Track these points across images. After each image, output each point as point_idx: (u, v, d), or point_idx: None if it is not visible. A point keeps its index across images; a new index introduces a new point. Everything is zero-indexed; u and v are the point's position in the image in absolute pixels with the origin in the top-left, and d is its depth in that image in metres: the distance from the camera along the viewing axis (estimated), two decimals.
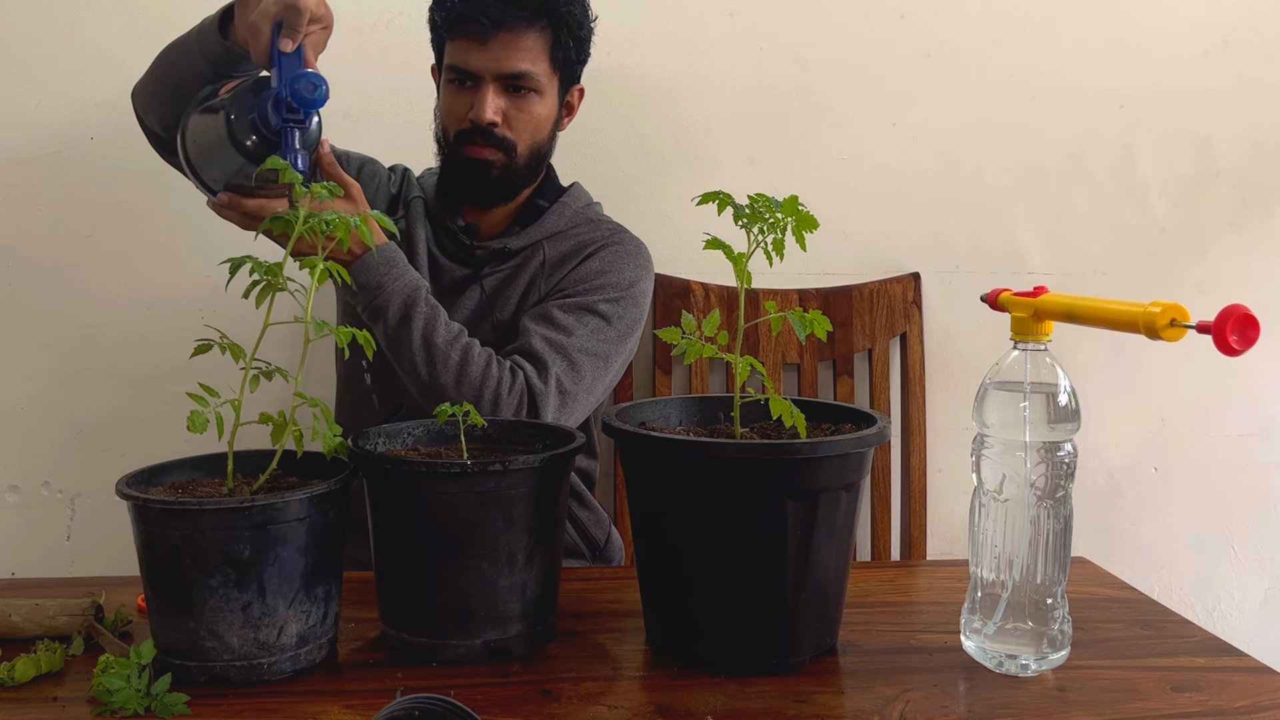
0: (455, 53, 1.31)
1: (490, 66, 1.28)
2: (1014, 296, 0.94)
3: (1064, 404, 0.91)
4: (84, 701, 0.84)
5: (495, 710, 0.83)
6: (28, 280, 1.62)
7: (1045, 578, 0.92)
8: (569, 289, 1.35)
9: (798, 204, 0.89)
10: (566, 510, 0.99)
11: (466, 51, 1.29)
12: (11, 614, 0.96)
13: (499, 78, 1.29)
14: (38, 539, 1.66)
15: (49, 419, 1.65)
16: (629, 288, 1.37)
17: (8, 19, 1.58)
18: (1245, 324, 0.76)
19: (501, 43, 1.28)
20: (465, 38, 1.29)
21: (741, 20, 1.70)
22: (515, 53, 1.28)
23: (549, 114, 1.35)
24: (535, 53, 1.30)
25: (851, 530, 0.94)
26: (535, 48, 1.29)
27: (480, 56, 1.28)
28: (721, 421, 1.06)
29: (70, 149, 1.61)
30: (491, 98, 1.29)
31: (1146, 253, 1.81)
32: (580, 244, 1.39)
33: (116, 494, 0.87)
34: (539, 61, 1.30)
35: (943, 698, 0.87)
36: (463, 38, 1.29)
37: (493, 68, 1.29)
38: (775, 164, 1.73)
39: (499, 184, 1.36)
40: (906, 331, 1.73)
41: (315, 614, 0.90)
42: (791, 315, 0.92)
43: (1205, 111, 1.79)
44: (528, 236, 1.39)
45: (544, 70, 1.31)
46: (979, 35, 1.74)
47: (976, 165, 1.76)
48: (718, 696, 0.86)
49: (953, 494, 1.79)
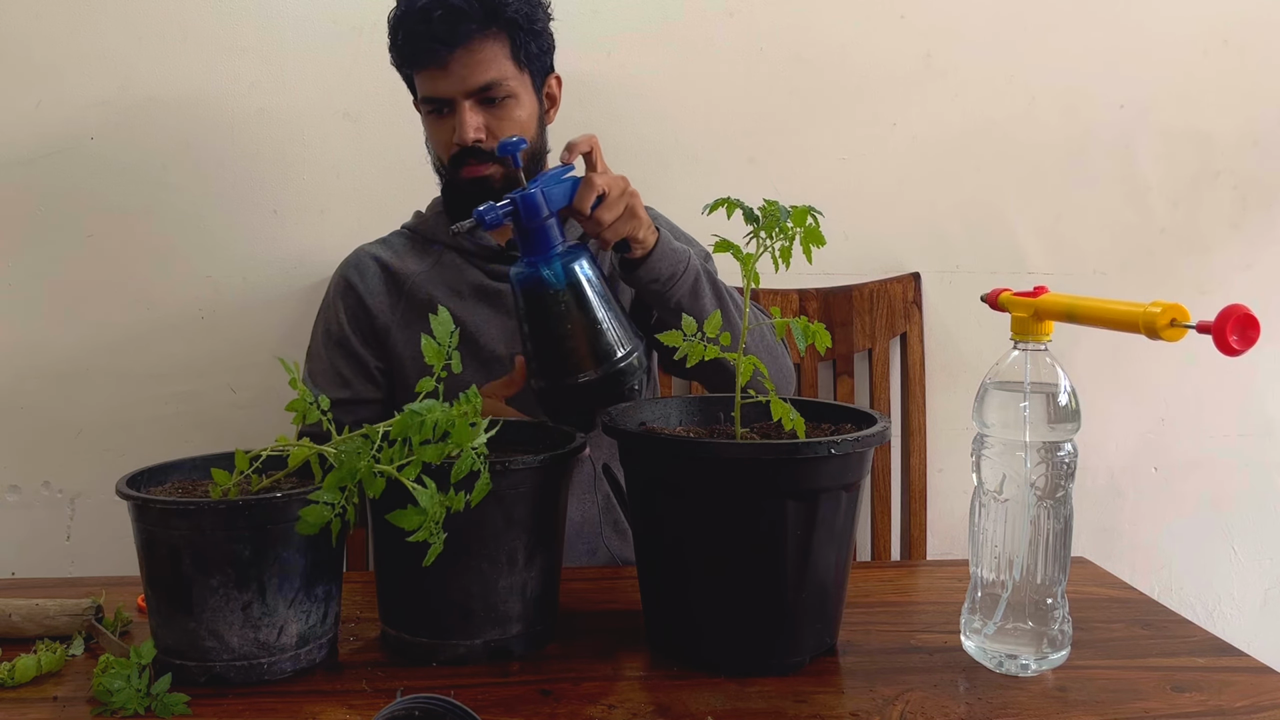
0: (423, 84, 1.31)
1: (458, 87, 1.28)
2: (1014, 296, 0.94)
3: (1064, 404, 0.91)
4: (84, 701, 0.84)
5: (495, 710, 0.83)
6: (28, 280, 1.62)
7: (1045, 578, 0.92)
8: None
9: (807, 216, 0.89)
10: (567, 510, 0.99)
11: (432, 80, 1.29)
12: (11, 614, 0.96)
13: (469, 94, 1.28)
14: (38, 539, 1.66)
15: (49, 419, 1.64)
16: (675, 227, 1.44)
17: (8, 19, 1.58)
18: (1245, 324, 0.76)
19: (460, 61, 1.27)
20: (425, 68, 1.29)
21: (741, 20, 1.70)
22: (477, 66, 1.27)
23: (531, 113, 1.35)
24: (498, 59, 1.29)
25: (851, 530, 0.94)
26: (496, 54, 1.28)
27: (445, 80, 1.28)
28: (722, 421, 1.06)
29: (70, 149, 1.61)
30: (469, 117, 1.29)
31: (1146, 253, 1.81)
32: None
33: (116, 494, 0.87)
34: (504, 65, 1.29)
35: (943, 698, 0.87)
36: (423, 68, 1.30)
37: (460, 87, 1.28)
38: (775, 164, 1.73)
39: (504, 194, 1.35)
40: (906, 331, 1.73)
41: (315, 614, 0.90)
42: (795, 323, 0.92)
43: (1205, 111, 1.79)
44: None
45: (511, 73, 1.30)
46: (979, 35, 1.74)
47: (976, 165, 1.76)
48: (718, 696, 0.86)
49: (953, 494, 1.78)
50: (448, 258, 1.41)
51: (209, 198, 1.63)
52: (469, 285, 1.39)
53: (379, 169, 1.66)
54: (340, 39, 1.64)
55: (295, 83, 1.63)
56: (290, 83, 1.63)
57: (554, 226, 1.07)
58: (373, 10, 1.63)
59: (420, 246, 1.43)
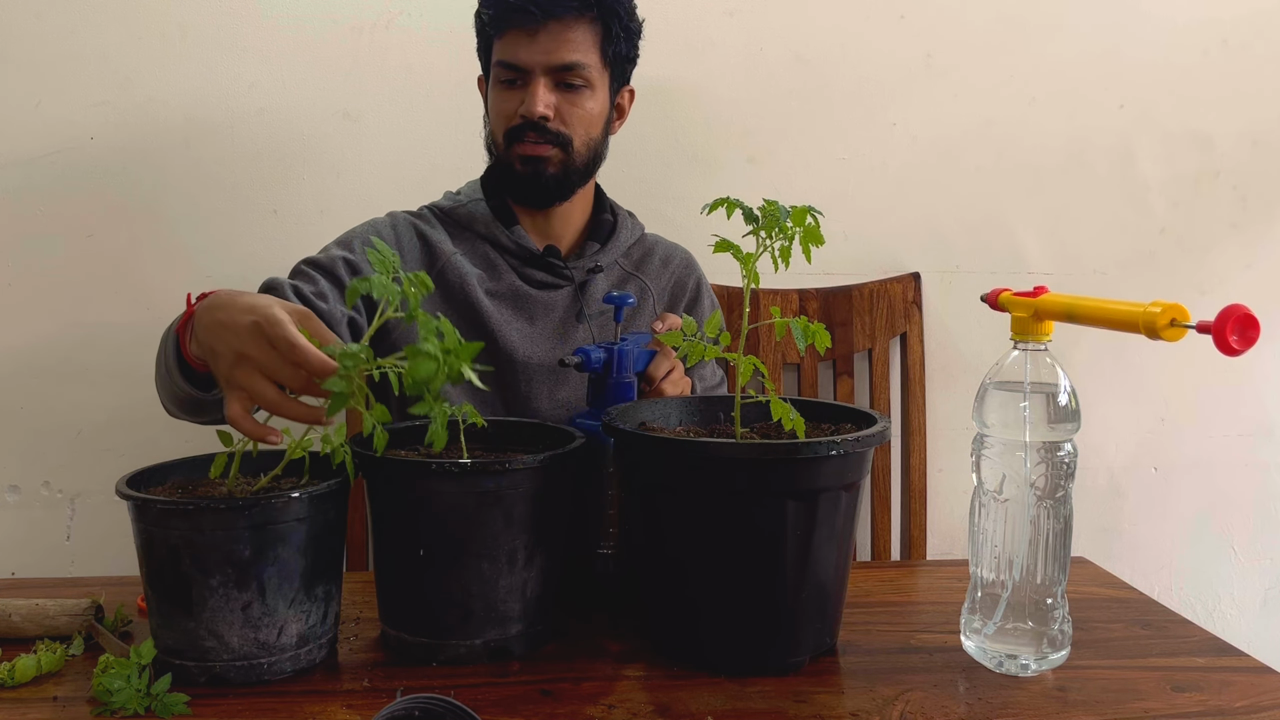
0: (504, 49, 1.28)
1: (540, 59, 1.25)
2: (1014, 296, 0.94)
3: (1064, 404, 0.91)
4: (84, 701, 0.84)
5: (495, 710, 0.83)
6: (28, 280, 1.62)
7: (1045, 578, 0.92)
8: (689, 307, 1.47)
9: (807, 216, 0.89)
10: (568, 510, 0.99)
11: (515, 45, 1.26)
12: (11, 614, 0.96)
13: (550, 70, 1.26)
14: (38, 539, 1.66)
15: (49, 419, 1.64)
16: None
17: (8, 19, 1.58)
18: (1245, 324, 0.76)
19: (551, 33, 1.24)
20: (514, 30, 1.26)
21: (741, 20, 1.70)
22: (565, 44, 1.25)
23: (601, 111, 1.32)
24: (586, 45, 1.27)
25: (851, 530, 0.95)
26: (586, 40, 1.27)
27: (530, 49, 1.25)
28: (722, 422, 1.06)
29: (70, 149, 1.61)
30: (543, 91, 1.26)
31: (1146, 253, 1.81)
32: (664, 256, 1.48)
33: (116, 494, 0.87)
34: (590, 53, 1.27)
35: (943, 698, 0.87)
36: (511, 30, 1.26)
37: (543, 60, 1.25)
38: (775, 164, 1.73)
39: (557, 181, 1.32)
40: (906, 331, 1.73)
41: (315, 614, 0.90)
42: (795, 324, 0.92)
43: (1205, 111, 1.79)
44: (611, 252, 1.40)
45: (595, 63, 1.28)
46: (979, 35, 1.74)
47: (976, 165, 1.76)
48: (718, 696, 0.86)
49: (953, 494, 1.79)
50: (481, 248, 1.37)
51: (209, 198, 1.63)
52: (504, 284, 1.35)
53: (379, 169, 1.66)
54: (340, 39, 1.64)
55: (295, 83, 1.63)
56: (290, 83, 1.63)
57: (633, 387, 1.11)
58: (373, 10, 1.64)
59: (454, 229, 1.38)
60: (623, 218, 1.45)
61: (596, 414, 1.05)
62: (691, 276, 1.48)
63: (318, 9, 1.62)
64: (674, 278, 1.47)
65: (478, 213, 1.37)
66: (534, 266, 1.36)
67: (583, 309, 1.36)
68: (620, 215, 1.45)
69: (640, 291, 1.42)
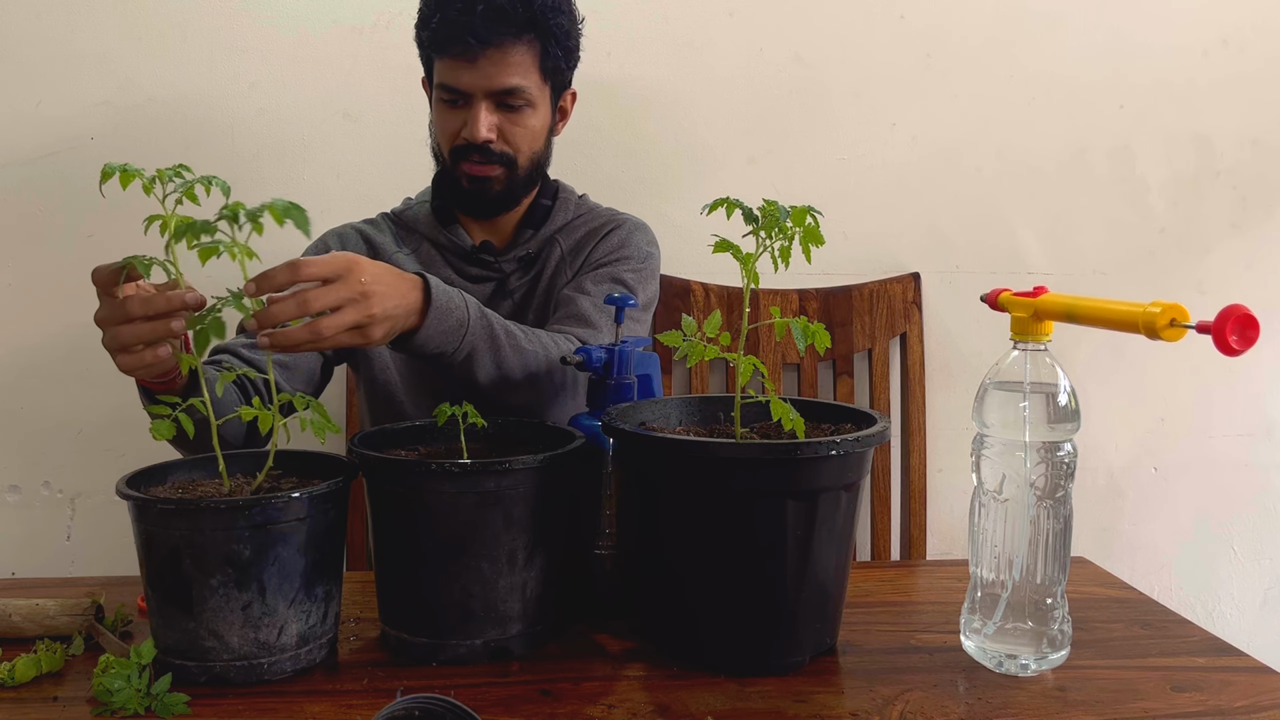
0: (444, 71, 1.29)
1: (481, 84, 1.27)
2: (1014, 296, 0.94)
3: (1064, 404, 0.91)
4: (84, 701, 0.84)
5: (495, 710, 0.83)
6: (28, 280, 1.62)
7: (1045, 577, 0.92)
8: (593, 265, 1.39)
9: (807, 216, 0.89)
10: (568, 510, 0.99)
11: (456, 70, 1.27)
12: (11, 614, 0.96)
13: (490, 95, 1.28)
14: (38, 539, 1.66)
15: (49, 419, 1.65)
16: (645, 260, 1.41)
17: (8, 19, 1.58)
18: (1245, 324, 0.76)
19: (490, 60, 1.26)
20: (453, 57, 1.27)
21: (741, 20, 1.70)
22: (504, 69, 1.26)
23: (543, 124, 1.35)
24: (525, 67, 1.28)
25: (851, 530, 0.95)
26: (524, 62, 1.28)
27: (470, 75, 1.27)
28: (722, 421, 1.06)
29: (70, 149, 1.61)
30: (484, 115, 1.28)
31: (1146, 253, 1.81)
32: (592, 229, 1.43)
33: (116, 494, 0.87)
34: (529, 75, 1.29)
35: (943, 698, 0.87)
36: (450, 57, 1.28)
37: (483, 85, 1.27)
38: (775, 164, 1.73)
39: (501, 197, 1.35)
40: (906, 331, 1.73)
41: (315, 614, 0.90)
42: (795, 324, 0.92)
43: (1205, 111, 1.79)
44: (542, 237, 1.40)
45: (534, 83, 1.30)
46: (979, 35, 1.74)
47: (976, 165, 1.76)
48: (718, 696, 0.87)
49: (953, 494, 1.79)
50: (424, 248, 1.41)
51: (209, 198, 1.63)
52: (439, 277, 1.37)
53: (379, 169, 1.66)
54: (340, 39, 1.64)
55: (295, 83, 1.63)
56: (290, 83, 1.63)
57: (634, 387, 1.10)
58: (373, 10, 1.64)
59: (403, 231, 1.43)
60: (562, 200, 1.44)
61: (596, 414, 1.05)
62: (611, 229, 1.42)
63: (318, 9, 1.62)
64: (593, 234, 1.42)
65: (421, 214, 1.42)
66: (469, 262, 1.39)
67: (512, 298, 1.39)
68: (561, 198, 1.44)
69: (546, 245, 1.40)
